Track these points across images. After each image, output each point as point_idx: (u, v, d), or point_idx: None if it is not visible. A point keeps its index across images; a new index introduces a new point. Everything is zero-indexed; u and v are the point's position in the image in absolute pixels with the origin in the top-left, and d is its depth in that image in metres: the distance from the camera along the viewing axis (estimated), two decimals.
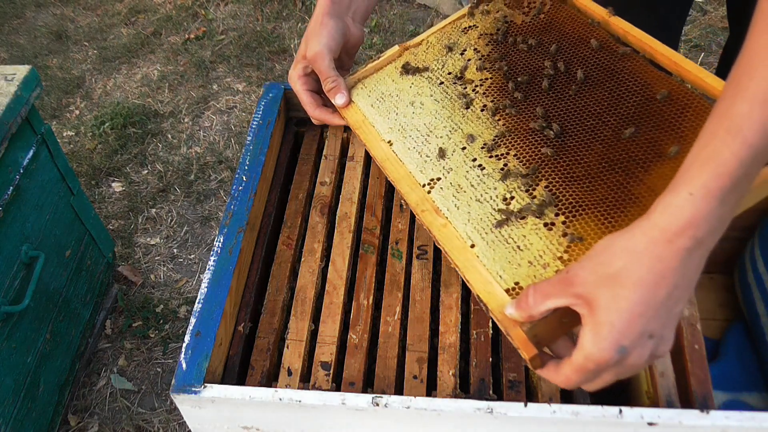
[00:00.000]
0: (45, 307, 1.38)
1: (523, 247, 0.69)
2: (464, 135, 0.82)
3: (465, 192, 0.77)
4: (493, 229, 0.72)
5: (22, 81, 1.25)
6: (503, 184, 0.76)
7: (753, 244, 1.13)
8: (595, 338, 0.54)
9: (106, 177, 2.09)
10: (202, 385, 0.72)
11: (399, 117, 0.88)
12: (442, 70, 0.90)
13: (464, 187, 0.77)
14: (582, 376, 0.57)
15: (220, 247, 0.84)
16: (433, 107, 0.87)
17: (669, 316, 0.54)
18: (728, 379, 1.08)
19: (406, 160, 0.84)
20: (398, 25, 2.54)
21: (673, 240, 0.51)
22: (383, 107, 0.89)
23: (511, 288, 0.67)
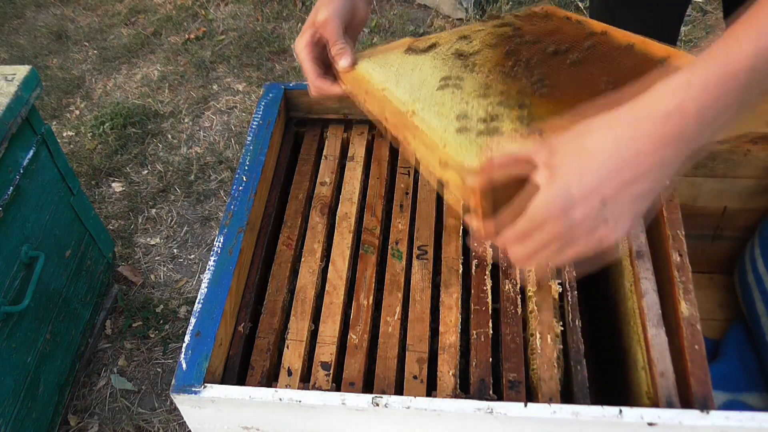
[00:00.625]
0: (45, 307, 1.38)
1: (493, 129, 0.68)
2: (456, 83, 0.81)
3: (445, 107, 0.75)
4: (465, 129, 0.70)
5: (22, 81, 1.25)
6: (485, 105, 0.74)
7: (753, 244, 1.13)
8: (544, 189, 0.51)
9: (106, 177, 2.09)
10: (202, 385, 0.72)
11: (397, 73, 0.86)
12: (447, 51, 0.89)
13: (446, 107, 0.76)
14: (520, 231, 0.54)
15: (220, 247, 0.84)
16: (431, 69, 0.85)
17: (629, 200, 0.51)
18: (728, 379, 1.08)
19: (396, 95, 0.79)
20: (398, 25, 2.54)
21: (657, 122, 0.49)
22: (384, 70, 0.87)
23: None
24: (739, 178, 1.07)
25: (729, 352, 1.12)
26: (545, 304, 0.83)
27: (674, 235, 0.86)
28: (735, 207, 1.13)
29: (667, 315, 0.82)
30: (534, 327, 0.81)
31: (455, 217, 0.93)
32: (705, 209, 1.14)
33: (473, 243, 0.61)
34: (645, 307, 0.81)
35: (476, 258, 0.88)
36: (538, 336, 0.80)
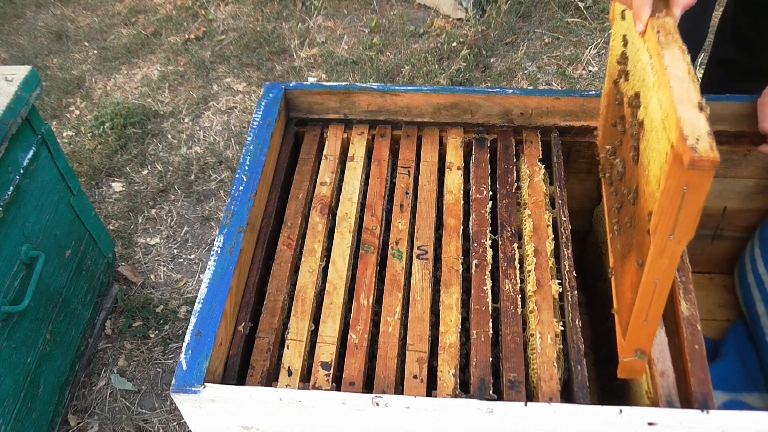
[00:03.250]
0: (45, 307, 1.38)
1: None
2: None
3: None
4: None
5: (22, 81, 1.25)
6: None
7: (753, 244, 1.13)
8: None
9: (106, 177, 2.09)
10: (202, 385, 0.72)
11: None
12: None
13: None
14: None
15: (220, 247, 0.84)
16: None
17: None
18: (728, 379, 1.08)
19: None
20: (398, 25, 2.54)
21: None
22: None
23: None
24: (739, 178, 1.07)
25: (729, 352, 1.12)
26: (545, 304, 0.83)
27: None
28: (735, 207, 1.13)
29: (667, 315, 0.82)
30: (534, 327, 0.81)
31: (455, 217, 0.93)
32: (705, 209, 1.13)
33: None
34: None
35: (476, 258, 0.88)
36: (538, 336, 0.80)
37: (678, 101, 0.60)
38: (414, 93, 1.02)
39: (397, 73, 2.32)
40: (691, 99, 0.61)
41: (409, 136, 1.05)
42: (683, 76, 0.63)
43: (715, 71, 1.41)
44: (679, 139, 0.58)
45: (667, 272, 0.64)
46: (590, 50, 2.29)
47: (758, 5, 1.22)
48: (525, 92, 1.01)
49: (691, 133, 0.57)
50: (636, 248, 0.72)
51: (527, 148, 1.01)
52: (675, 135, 0.59)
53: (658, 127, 0.66)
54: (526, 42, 2.40)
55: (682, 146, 0.57)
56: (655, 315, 0.68)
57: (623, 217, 0.79)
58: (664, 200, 0.61)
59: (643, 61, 0.73)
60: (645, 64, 0.72)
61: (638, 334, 0.71)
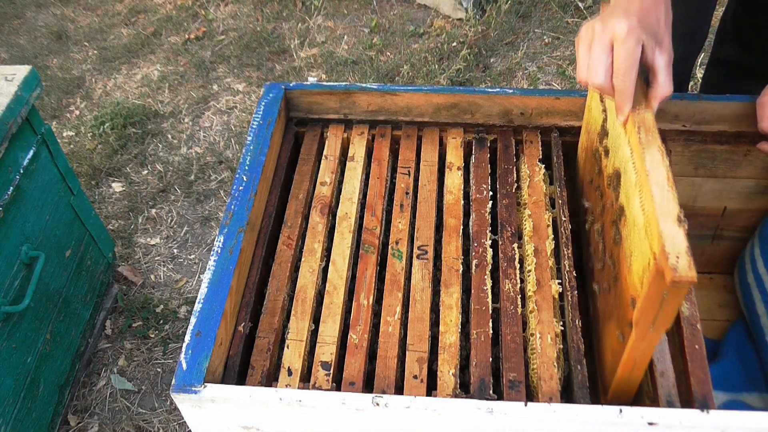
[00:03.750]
0: (45, 307, 1.38)
1: None
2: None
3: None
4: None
5: (22, 81, 1.25)
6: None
7: (753, 244, 1.13)
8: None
9: (106, 177, 2.09)
10: (202, 384, 0.72)
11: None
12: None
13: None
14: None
15: (220, 247, 0.84)
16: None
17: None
18: (728, 379, 1.08)
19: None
20: (398, 25, 2.54)
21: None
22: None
23: None
24: (739, 178, 1.07)
25: (729, 352, 1.12)
26: (545, 304, 0.83)
27: None
28: (735, 207, 1.13)
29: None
30: (534, 327, 0.81)
31: (455, 217, 0.93)
32: (705, 209, 1.14)
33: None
34: None
35: (476, 258, 0.88)
36: (538, 336, 0.80)
37: (660, 213, 0.65)
38: (414, 93, 1.02)
39: (397, 73, 2.32)
40: (671, 211, 0.65)
41: (409, 136, 1.05)
42: (664, 183, 0.67)
43: (715, 71, 1.41)
44: (661, 254, 0.62)
45: (646, 352, 0.71)
46: None
47: (759, 5, 1.22)
48: (525, 92, 1.01)
49: (672, 250, 0.61)
50: (616, 319, 0.76)
51: (527, 148, 1.01)
52: (657, 248, 0.64)
53: (640, 229, 0.70)
54: (526, 42, 2.40)
55: (663, 262, 0.61)
56: (637, 378, 0.75)
57: (603, 281, 0.83)
58: (645, 302, 0.66)
59: (624, 149, 0.77)
60: (626, 153, 0.76)
61: (620, 393, 0.77)
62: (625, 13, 0.69)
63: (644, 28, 0.69)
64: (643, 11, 0.70)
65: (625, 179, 0.76)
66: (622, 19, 0.68)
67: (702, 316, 0.82)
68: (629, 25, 0.68)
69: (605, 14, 0.73)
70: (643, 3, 0.71)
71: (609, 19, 0.69)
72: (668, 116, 1.00)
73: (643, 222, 0.69)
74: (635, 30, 0.68)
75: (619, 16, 0.69)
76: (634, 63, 0.69)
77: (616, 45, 0.69)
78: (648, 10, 0.70)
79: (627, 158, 0.75)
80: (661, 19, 0.72)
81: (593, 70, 0.70)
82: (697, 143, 1.02)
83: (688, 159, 1.04)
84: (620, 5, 0.71)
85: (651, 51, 0.70)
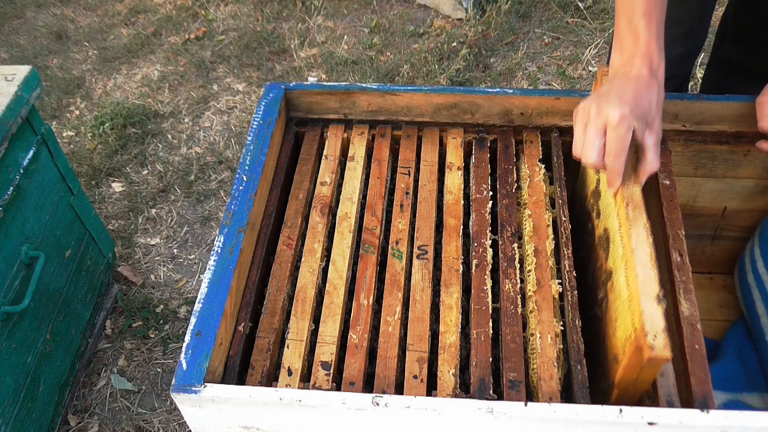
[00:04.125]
0: (45, 307, 1.38)
1: None
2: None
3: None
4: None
5: (22, 81, 1.25)
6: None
7: (753, 244, 1.13)
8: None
9: (106, 177, 2.09)
10: (202, 384, 0.72)
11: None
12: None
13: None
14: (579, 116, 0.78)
15: (220, 247, 0.84)
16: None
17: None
18: (728, 379, 1.08)
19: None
20: (398, 25, 2.54)
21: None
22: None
23: None
24: (739, 178, 1.07)
25: (729, 352, 1.12)
26: (545, 304, 0.83)
27: (674, 235, 0.86)
28: (735, 207, 1.13)
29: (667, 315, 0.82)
30: (534, 327, 0.81)
31: (455, 217, 0.93)
32: (705, 209, 1.14)
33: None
34: None
35: (476, 258, 0.88)
36: (538, 336, 0.80)
37: (642, 291, 0.71)
38: (414, 93, 1.02)
39: (397, 73, 2.32)
40: (652, 290, 0.71)
41: (409, 136, 1.05)
42: (647, 262, 0.74)
43: (715, 71, 1.41)
44: (641, 331, 0.69)
45: (631, 400, 0.77)
46: (590, 50, 2.29)
47: (758, 5, 1.22)
48: (525, 92, 1.01)
49: (651, 329, 0.68)
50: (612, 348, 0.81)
51: (527, 148, 1.01)
52: (638, 324, 0.70)
53: (624, 301, 0.76)
54: (526, 42, 2.40)
55: (642, 339, 0.68)
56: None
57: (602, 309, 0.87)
58: (626, 370, 0.73)
59: (613, 219, 0.83)
60: (614, 224, 0.82)
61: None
62: (620, 99, 0.74)
63: (636, 115, 0.74)
64: (636, 98, 0.74)
65: (613, 248, 0.83)
66: (616, 107, 0.73)
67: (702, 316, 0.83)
68: (622, 113, 0.73)
69: (601, 95, 0.77)
70: (637, 89, 0.75)
71: (604, 103, 0.74)
72: (668, 116, 1.00)
73: (627, 296, 0.75)
74: (627, 118, 0.73)
75: (614, 103, 0.74)
76: (624, 148, 0.74)
77: (609, 130, 0.74)
78: (641, 96, 0.75)
79: (615, 230, 0.81)
80: (653, 102, 0.76)
81: (587, 150, 0.76)
82: (697, 143, 1.02)
83: (688, 159, 1.04)
84: (615, 88, 0.76)
85: (641, 133, 0.76)
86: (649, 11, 0.77)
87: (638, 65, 0.77)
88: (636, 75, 0.77)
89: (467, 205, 0.98)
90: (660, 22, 0.78)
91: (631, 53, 0.78)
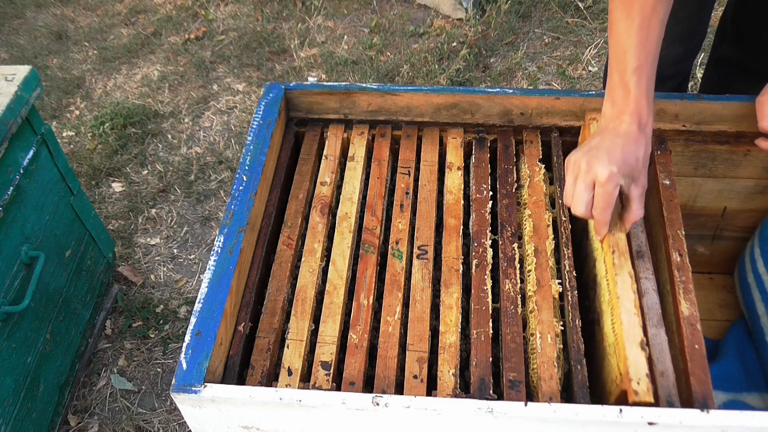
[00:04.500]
0: (45, 307, 1.38)
1: None
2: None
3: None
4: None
5: (22, 81, 1.25)
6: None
7: (753, 244, 1.13)
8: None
9: (106, 177, 2.09)
10: (202, 384, 0.72)
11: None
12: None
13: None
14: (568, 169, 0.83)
15: (220, 247, 0.84)
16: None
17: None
18: (728, 379, 1.08)
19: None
20: (398, 25, 2.54)
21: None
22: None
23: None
24: (739, 178, 1.07)
25: (729, 352, 1.12)
26: (545, 304, 0.83)
27: (674, 235, 0.86)
28: (735, 207, 1.13)
29: (667, 315, 0.82)
30: (534, 327, 0.81)
31: (455, 217, 0.93)
32: (705, 209, 1.14)
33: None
34: (645, 307, 0.81)
35: (476, 258, 0.88)
36: (538, 336, 0.80)
37: (626, 338, 0.75)
38: (414, 93, 1.02)
39: (397, 73, 2.32)
40: (636, 337, 0.75)
41: (409, 136, 1.05)
42: (631, 309, 0.78)
43: (715, 71, 1.42)
44: (625, 376, 0.73)
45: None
46: (590, 50, 2.29)
47: (758, 5, 1.22)
48: (525, 92, 1.01)
49: (635, 375, 0.72)
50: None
51: (527, 148, 1.01)
52: (623, 370, 0.74)
53: (611, 345, 0.80)
54: (526, 42, 2.40)
55: (627, 384, 0.72)
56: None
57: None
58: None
59: (600, 265, 0.87)
60: (602, 270, 0.86)
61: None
62: (608, 157, 0.78)
63: (623, 173, 0.79)
64: (624, 155, 0.78)
65: (601, 292, 0.85)
66: (605, 165, 0.77)
67: (702, 316, 0.83)
68: (610, 172, 0.77)
69: (592, 149, 0.81)
70: (625, 146, 0.79)
71: (594, 160, 0.79)
72: (668, 116, 1.00)
73: (613, 340, 0.79)
74: (615, 176, 0.78)
75: (603, 161, 0.78)
76: (610, 203, 0.80)
77: (597, 186, 0.79)
78: (629, 153, 0.79)
79: (602, 275, 0.85)
80: (640, 159, 0.80)
81: (576, 202, 0.81)
82: (697, 143, 1.02)
83: (688, 159, 1.04)
84: (605, 145, 0.80)
85: (627, 187, 0.81)
86: (640, 68, 0.80)
87: (627, 122, 0.81)
88: (625, 132, 0.80)
89: (467, 205, 0.98)
90: (651, 76, 0.81)
91: (621, 109, 0.81)
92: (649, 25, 0.79)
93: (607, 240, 0.84)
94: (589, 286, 0.92)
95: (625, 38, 0.80)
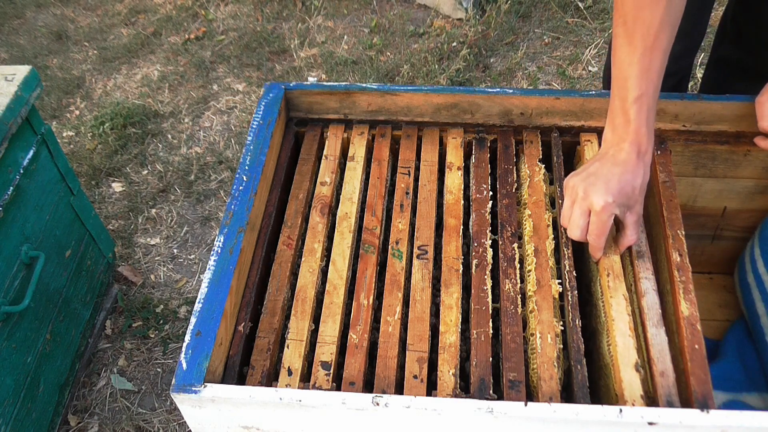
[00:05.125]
0: (45, 307, 1.38)
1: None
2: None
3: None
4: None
5: (22, 81, 1.25)
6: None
7: (753, 244, 1.13)
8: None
9: (106, 177, 2.09)
10: (202, 384, 0.72)
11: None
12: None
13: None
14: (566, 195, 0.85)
15: (220, 247, 0.84)
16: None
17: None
18: (728, 379, 1.08)
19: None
20: (398, 25, 2.54)
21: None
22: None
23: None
24: (739, 178, 1.07)
25: (729, 352, 1.12)
26: (545, 304, 0.83)
27: (674, 235, 0.86)
28: (735, 207, 1.13)
29: (667, 315, 0.82)
30: (534, 326, 0.81)
31: (455, 217, 0.93)
32: (705, 209, 1.14)
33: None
34: (645, 307, 0.81)
35: (476, 258, 0.88)
36: (538, 335, 0.80)
37: (621, 360, 0.77)
38: (414, 93, 1.02)
39: (397, 73, 2.32)
40: (630, 359, 0.77)
41: (409, 136, 1.05)
42: (626, 331, 0.79)
43: (715, 71, 1.42)
44: (621, 397, 0.74)
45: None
46: (590, 50, 2.29)
47: (758, 5, 1.22)
48: (525, 92, 1.01)
49: (630, 397, 0.74)
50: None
51: (527, 148, 1.01)
52: (619, 391, 0.75)
53: (607, 365, 0.81)
54: (526, 42, 2.40)
55: (622, 405, 0.72)
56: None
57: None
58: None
59: (596, 286, 0.88)
60: (598, 291, 0.87)
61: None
62: (605, 186, 0.79)
63: (619, 203, 0.80)
64: (620, 184, 0.80)
65: (597, 312, 0.86)
66: (601, 195, 0.79)
67: (702, 316, 0.83)
68: (606, 202, 0.79)
69: (590, 176, 0.82)
70: (623, 175, 0.80)
71: (591, 188, 0.80)
72: (668, 116, 1.00)
73: (609, 361, 0.80)
74: (610, 206, 0.79)
75: (599, 190, 0.79)
76: (605, 231, 0.82)
77: (593, 214, 0.81)
78: (626, 182, 0.80)
79: (598, 296, 0.86)
80: (637, 187, 0.81)
81: (572, 227, 0.84)
82: (697, 143, 1.02)
83: (688, 159, 1.04)
84: (603, 174, 0.81)
85: (623, 215, 0.82)
86: (641, 97, 0.80)
87: (627, 150, 0.81)
88: (624, 160, 0.81)
89: (467, 205, 0.98)
90: (652, 104, 0.81)
91: (621, 137, 0.82)
92: (651, 54, 0.79)
93: (601, 262, 0.86)
94: (591, 280, 0.92)
95: (627, 66, 0.80)
